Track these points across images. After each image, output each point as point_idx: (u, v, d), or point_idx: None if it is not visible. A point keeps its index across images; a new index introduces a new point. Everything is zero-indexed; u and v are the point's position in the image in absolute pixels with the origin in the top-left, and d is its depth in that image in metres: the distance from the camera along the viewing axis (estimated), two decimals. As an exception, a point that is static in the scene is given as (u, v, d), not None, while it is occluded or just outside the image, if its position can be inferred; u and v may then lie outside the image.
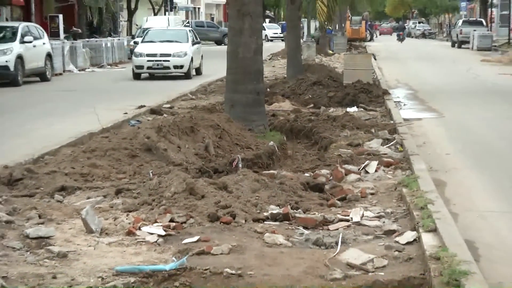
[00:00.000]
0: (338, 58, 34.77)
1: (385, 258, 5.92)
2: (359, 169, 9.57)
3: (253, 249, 6.13)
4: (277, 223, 7.03)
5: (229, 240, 6.30)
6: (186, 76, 25.23)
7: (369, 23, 71.94)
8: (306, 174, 9.42)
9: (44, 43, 25.17)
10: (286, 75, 22.81)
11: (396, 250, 6.14)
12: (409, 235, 6.48)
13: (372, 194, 8.29)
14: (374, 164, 9.68)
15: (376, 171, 9.46)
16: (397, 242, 6.37)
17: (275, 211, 7.24)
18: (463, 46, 50.99)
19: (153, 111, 15.41)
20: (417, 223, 6.70)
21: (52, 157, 10.05)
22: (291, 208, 7.36)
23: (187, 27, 35.50)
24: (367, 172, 9.47)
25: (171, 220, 6.83)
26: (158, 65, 25.12)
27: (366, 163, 9.76)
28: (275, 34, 66.03)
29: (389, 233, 6.68)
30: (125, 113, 15.00)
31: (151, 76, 25.73)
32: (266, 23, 70.73)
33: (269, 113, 14.36)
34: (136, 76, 25.50)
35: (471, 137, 13.15)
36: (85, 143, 10.59)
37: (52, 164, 9.24)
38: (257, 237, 6.53)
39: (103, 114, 13.75)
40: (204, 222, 6.86)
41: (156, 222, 6.82)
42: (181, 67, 25.25)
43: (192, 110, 13.82)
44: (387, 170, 9.58)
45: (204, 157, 9.85)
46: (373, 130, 12.56)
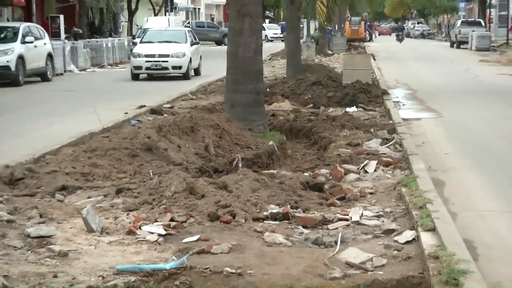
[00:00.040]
0: (338, 58, 34.75)
1: (384, 257, 5.92)
2: (358, 169, 9.57)
3: (253, 248, 6.14)
4: (277, 223, 7.04)
5: (229, 239, 6.31)
6: (185, 77, 25.03)
7: (368, 24, 71.84)
8: (306, 174, 9.43)
9: (45, 43, 25.13)
10: (286, 75, 22.78)
11: (395, 249, 6.14)
12: (408, 234, 6.48)
13: (371, 194, 8.29)
14: (373, 164, 9.68)
15: (375, 171, 9.46)
16: (396, 241, 6.37)
17: (275, 211, 7.25)
18: (462, 47, 50.96)
19: (154, 111, 15.40)
20: (416, 223, 6.70)
21: (53, 157, 10.05)
22: (291, 208, 7.37)
23: (187, 28, 35.42)
24: (366, 172, 9.47)
25: (172, 220, 6.84)
26: (157, 66, 24.91)
27: (365, 163, 9.76)
28: (275, 35, 65.95)
29: (388, 232, 6.68)
30: (126, 113, 15.01)
31: (150, 77, 25.57)
32: (266, 24, 70.69)
33: (269, 113, 14.36)
34: (135, 77, 25.27)
35: (470, 137, 13.14)
36: (86, 143, 10.59)
37: (53, 164, 9.24)
38: (257, 236, 6.53)
39: (104, 114, 13.75)
40: (204, 222, 6.86)
41: (157, 221, 6.82)
42: (180, 68, 25.06)
43: (192, 110, 13.80)
44: (386, 170, 9.59)
45: (204, 157, 9.85)
46: (372, 130, 12.56)
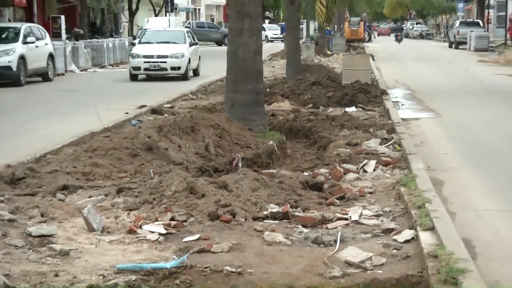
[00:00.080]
0: (337, 59, 34.75)
1: (383, 256, 5.94)
2: (358, 168, 9.58)
3: (253, 247, 6.15)
4: (277, 222, 7.05)
5: (229, 239, 6.32)
6: (183, 78, 24.85)
7: (368, 24, 71.79)
8: (305, 173, 9.44)
9: (46, 44, 25.13)
10: (286, 76, 22.78)
11: (394, 248, 6.15)
12: (407, 234, 6.49)
13: (371, 193, 8.30)
14: (373, 163, 9.70)
15: (375, 170, 9.47)
16: (395, 241, 6.38)
17: (275, 210, 7.27)
18: (460, 47, 50.92)
19: (154, 111, 15.42)
20: (415, 222, 6.72)
21: (54, 156, 10.05)
22: (291, 207, 7.38)
23: (188, 28, 35.37)
24: (366, 171, 9.49)
25: (172, 219, 6.85)
26: (155, 67, 24.74)
27: (365, 162, 9.78)
28: (275, 35, 65.97)
29: (387, 232, 6.70)
30: (126, 113, 15.03)
31: (149, 77, 25.41)
32: (266, 24, 70.71)
33: (269, 113, 14.36)
34: (133, 78, 25.08)
35: (469, 137, 13.15)
36: (87, 143, 10.59)
37: (54, 163, 9.26)
38: (257, 236, 6.55)
39: (105, 114, 13.74)
40: (205, 221, 6.88)
41: (157, 221, 6.83)
42: (178, 69, 24.90)
43: (193, 110, 13.79)
44: (385, 169, 9.60)
45: (205, 157, 9.85)
46: (372, 130, 12.58)
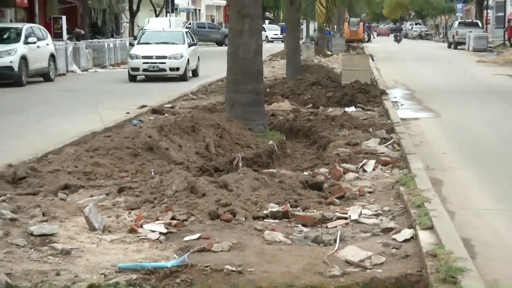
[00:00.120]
0: (337, 59, 34.78)
1: (383, 255, 5.97)
2: (357, 168, 9.61)
3: (253, 247, 6.17)
4: (277, 221, 7.07)
5: (230, 238, 6.34)
6: (182, 78, 24.63)
7: (367, 25, 71.80)
8: (305, 173, 9.47)
9: (48, 44, 25.15)
10: (286, 76, 22.80)
11: (394, 248, 6.18)
12: (406, 233, 6.52)
13: (370, 193, 8.32)
14: (372, 163, 9.72)
15: (374, 170, 9.49)
16: (395, 240, 6.40)
17: (275, 209, 7.29)
18: (459, 47, 50.96)
19: (155, 111, 15.44)
20: (414, 221, 6.74)
21: (56, 156, 10.07)
22: (291, 206, 7.40)
23: (189, 28, 35.32)
24: (365, 171, 9.52)
25: (173, 218, 6.87)
26: (154, 67, 24.57)
27: (364, 162, 9.80)
28: (276, 35, 66.00)
29: (387, 231, 6.72)
30: (127, 113, 15.05)
31: (148, 78, 25.23)
32: (266, 25, 70.72)
33: (269, 113, 14.38)
34: (132, 78, 24.89)
35: (468, 137, 13.17)
36: (88, 142, 10.59)
37: (56, 163, 9.27)
38: (257, 235, 6.57)
39: (106, 114, 13.71)
40: (205, 220, 6.90)
41: (158, 220, 6.85)
42: (177, 69, 24.70)
43: (193, 110, 13.78)
44: (385, 169, 9.62)
45: (205, 156, 9.87)
46: (371, 130, 12.59)
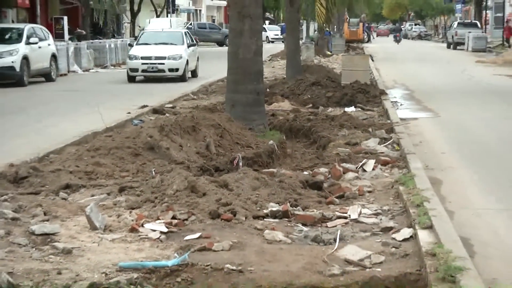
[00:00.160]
0: (336, 59, 34.81)
1: (382, 255, 5.99)
2: (357, 168, 9.63)
3: (253, 246, 6.19)
4: (277, 220, 7.09)
5: (230, 237, 6.36)
6: (181, 79, 24.50)
7: (367, 25, 71.87)
8: (305, 173, 9.49)
9: (49, 44, 25.19)
10: (286, 76, 22.82)
11: (393, 247, 6.20)
12: (406, 232, 6.53)
13: (370, 192, 8.34)
14: (372, 163, 9.75)
15: (374, 170, 9.51)
16: (394, 239, 6.42)
17: (275, 209, 7.31)
18: (458, 48, 51.10)
19: (156, 111, 15.47)
20: (414, 220, 6.76)
21: (57, 156, 10.08)
22: (291, 206, 7.42)
23: (190, 28, 35.28)
24: (365, 171, 9.54)
25: (173, 217, 6.89)
26: (153, 68, 24.46)
27: (364, 162, 9.83)
28: (276, 36, 66.02)
29: (386, 230, 6.74)
30: (128, 113, 15.07)
31: (147, 79, 25.11)
32: (267, 25, 70.73)
33: (269, 113, 14.39)
34: (131, 79, 24.75)
35: (467, 137, 13.19)
36: (89, 142, 10.61)
37: (57, 163, 9.29)
38: (257, 234, 6.59)
39: (107, 114, 13.74)
40: (206, 219, 6.92)
41: (159, 219, 6.86)
42: (176, 70, 24.58)
43: (194, 110, 13.76)
44: (384, 169, 9.64)
45: (205, 156, 9.89)
46: (371, 130, 12.61)
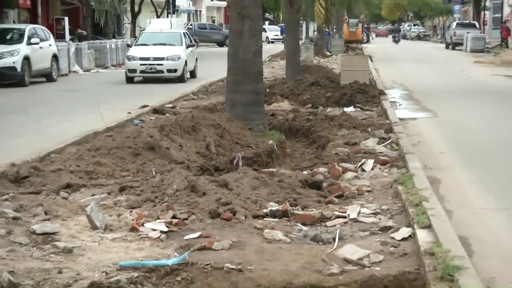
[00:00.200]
0: (336, 60, 34.82)
1: (381, 254, 6.01)
2: (356, 167, 9.65)
3: (253, 245, 6.22)
4: (276, 220, 7.11)
5: (230, 236, 6.39)
6: (180, 80, 24.33)
7: (366, 26, 71.89)
8: (305, 172, 9.51)
9: (50, 45, 25.23)
10: (285, 76, 22.83)
11: (392, 246, 6.22)
12: (404, 231, 6.56)
13: (369, 192, 8.36)
14: (371, 162, 9.77)
15: (372, 169, 9.54)
16: (393, 238, 6.45)
17: (274, 208, 7.33)
18: (457, 48, 51.18)
19: (156, 111, 15.50)
20: (412, 220, 6.78)
21: (58, 155, 10.11)
22: (290, 205, 7.45)
23: (190, 29, 35.25)
24: (364, 170, 9.57)
25: (173, 217, 6.91)
26: (151, 69, 24.32)
27: (363, 161, 9.86)
28: (276, 36, 66.05)
29: (385, 229, 6.76)
30: (129, 113, 15.10)
31: (146, 80, 25.00)
32: (267, 25, 70.73)
33: (269, 113, 14.42)
34: (129, 80, 24.57)
35: (465, 136, 13.23)
36: (90, 142, 10.63)
37: (58, 162, 9.30)
38: (257, 233, 6.61)
39: (107, 114, 13.74)
40: (205, 219, 6.94)
41: (159, 219, 6.89)
42: (175, 71, 24.43)
43: (194, 110, 13.77)
44: (383, 168, 9.67)
45: (205, 156, 9.91)
46: (370, 130, 12.64)
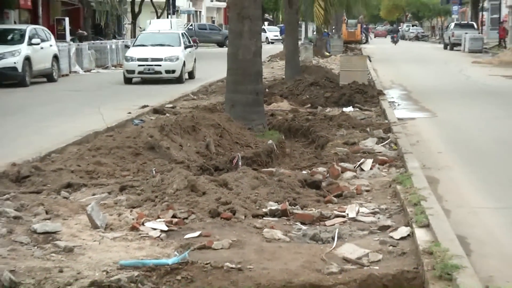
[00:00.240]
0: (335, 60, 34.87)
1: (380, 253, 6.03)
2: (355, 167, 9.69)
3: (253, 244, 6.24)
4: (276, 219, 7.14)
5: (229, 235, 6.41)
6: (178, 81, 24.19)
7: (365, 26, 71.94)
8: (304, 172, 9.53)
9: (51, 45, 25.25)
10: (285, 76, 22.87)
11: (391, 245, 6.25)
12: (403, 231, 6.58)
13: (367, 191, 8.39)
14: (369, 162, 9.81)
15: (371, 169, 9.58)
16: (392, 237, 6.47)
17: (274, 207, 7.36)
18: (455, 48, 51.29)
19: (156, 111, 15.52)
20: (411, 219, 6.80)
21: (59, 155, 10.13)
22: (289, 205, 7.47)
23: (190, 30, 35.23)
24: (363, 170, 9.60)
25: (174, 216, 6.93)
26: (149, 70, 24.19)
27: (362, 161, 9.89)
28: (276, 37, 66.03)
29: (384, 229, 6.79)
30: (129, 113, 15.12)
31: (144, 80, 24.92)
32: (266, 26, 70.72)
33: (268, 113, 14.45)
34: (127, 81, 24.38)
35: (463, 136, 13.26)
36: (91, 142, 10.67)
37: (59, 162, 9.33)
38: (256, 233, 6.64)
39: (108, 114, 13.80)
40: (205, 218, 6.96)
41: (159, 218, 6.91)
42: (173, 72, 24.31)
43: (194, 110, 13.80)
44: (382, 168, 9.70)
45: (205, 155, 9.94)
46: (368, 129, 12.68)
